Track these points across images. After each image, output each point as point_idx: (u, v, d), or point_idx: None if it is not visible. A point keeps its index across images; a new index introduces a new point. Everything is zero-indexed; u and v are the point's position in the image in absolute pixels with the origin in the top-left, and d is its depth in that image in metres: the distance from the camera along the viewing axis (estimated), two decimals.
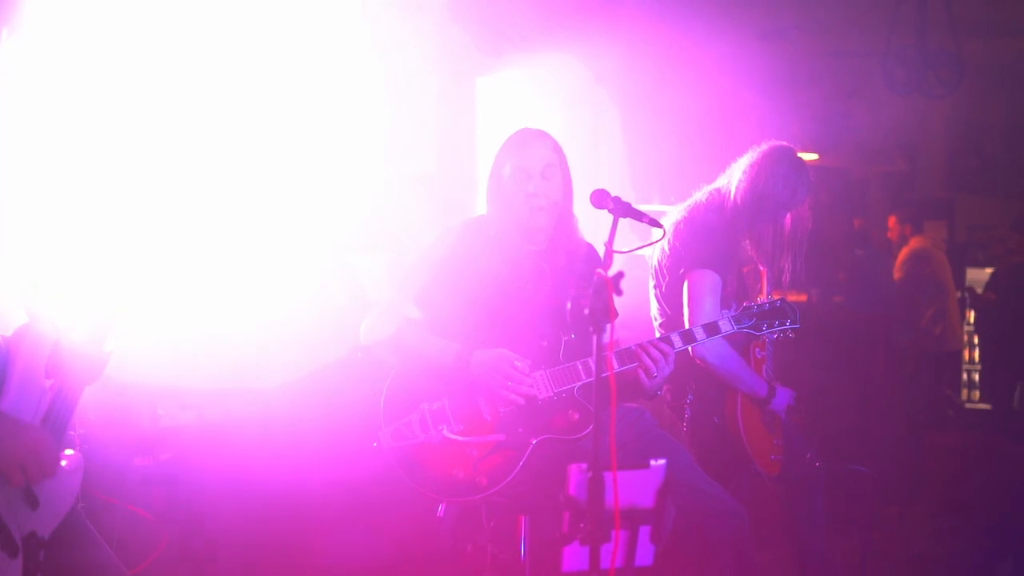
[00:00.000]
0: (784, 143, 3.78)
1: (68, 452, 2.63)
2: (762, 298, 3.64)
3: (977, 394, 8.90)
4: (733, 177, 3.76)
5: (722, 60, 6.39)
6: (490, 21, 5.79)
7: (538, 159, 3.21)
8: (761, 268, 3.81)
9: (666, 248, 3.75)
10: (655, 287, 3.83)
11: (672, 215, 3.82)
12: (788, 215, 3.72)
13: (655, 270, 3.82)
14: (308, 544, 4.33)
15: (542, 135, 3.28)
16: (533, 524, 3.03)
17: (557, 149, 3.26)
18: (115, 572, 2.66)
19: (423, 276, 3.21)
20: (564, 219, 3.28)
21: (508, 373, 3.02)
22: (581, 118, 6.37)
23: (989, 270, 8.74)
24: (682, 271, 3.66)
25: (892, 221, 8.34)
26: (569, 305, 3.06)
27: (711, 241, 3.66)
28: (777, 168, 3.68)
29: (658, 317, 3.84)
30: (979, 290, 8.37)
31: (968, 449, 6.87)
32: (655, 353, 3.05)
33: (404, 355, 3.14)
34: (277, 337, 4.48)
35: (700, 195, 3.83)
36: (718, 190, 3.80)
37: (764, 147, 3.75)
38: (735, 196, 3.71)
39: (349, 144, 5.07)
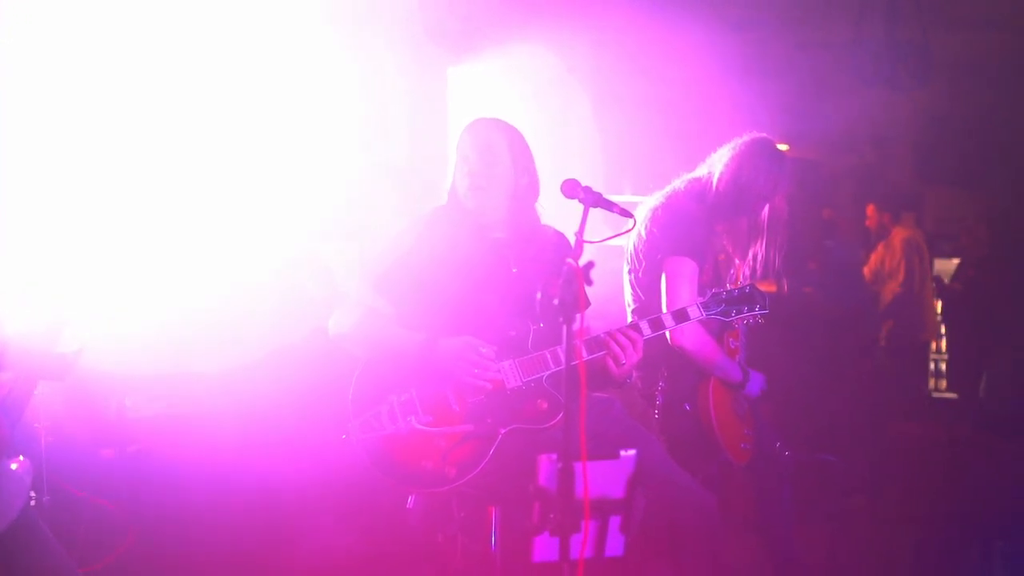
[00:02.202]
0: (764, 135, 3.79)
1: (20, 458, 2.63)
2: (731, 285, 3.65)
3: (944, 383, 8.98)
4: (715, 168, 3.76)
5: (694, 51, 6.39)
6: (462, 11, 5.77)
7: (479, 140, 3.18)
8: (736, 258, 3.82)
9: (643, 233, 3.75)
10: (630, 272, 3.83)
11: (650, 201, 3.83)
12: (765, 205, 3.74)
13: (631, 255, 3.82)
14: (277, 536, 4.30)
15: (493, 121, 3.25)
16: (504, 515, 3.02)
17: (510, 135, 3.21)
18: (67, 573, 2.64)
19: (390, 266, 3.18)
20: (522, 206, 3.24)
21: (473, 360, 3.00)
22: (553, 108, 6.35)
23: (956, 260, 8.82)
24: (659, 257, 3.67)
25: (871, 210, 8.32)
26: (539, 295, 3.05)
27: (689, 228, 3.67)
28: (759, 161, 3.69)
29: (631, 303, 3.84)
30: (946, 280, 8.44)
31: (936, 438, 6.94)
32: (623, 340, 3.03)
33: (371, 347, 3.11)
34: (243, 321, 4.46)
35: (679, 183, 3.84)
36: (698, 179, 3.80)
37: (746, 138, 3.77)
38: (717, 186, 3.71)
39: (320, 134, 5.04)
